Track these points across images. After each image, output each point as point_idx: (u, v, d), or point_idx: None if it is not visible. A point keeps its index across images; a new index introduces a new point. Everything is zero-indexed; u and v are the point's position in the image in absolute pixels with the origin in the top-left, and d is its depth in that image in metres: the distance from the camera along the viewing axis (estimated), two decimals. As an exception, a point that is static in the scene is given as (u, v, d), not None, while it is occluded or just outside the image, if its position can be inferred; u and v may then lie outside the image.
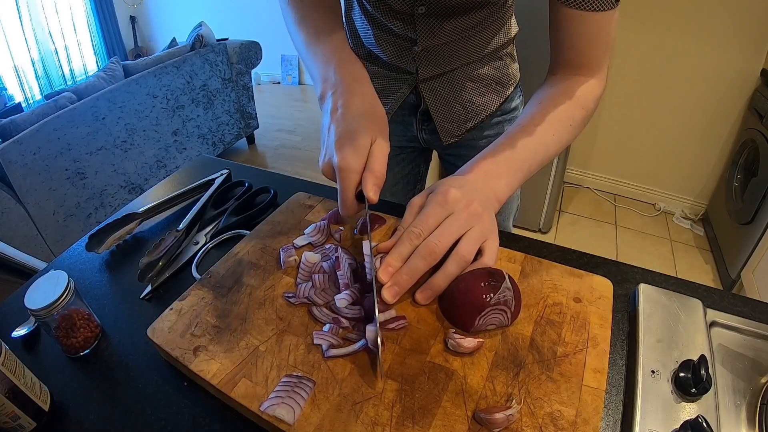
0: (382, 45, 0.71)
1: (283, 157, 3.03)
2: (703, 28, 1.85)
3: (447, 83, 0.73)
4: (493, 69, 0.75)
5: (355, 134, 0.48)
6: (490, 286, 0.46)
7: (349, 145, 0.47)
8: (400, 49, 0.70)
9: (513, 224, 0.96)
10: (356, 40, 0.77)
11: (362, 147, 0.48)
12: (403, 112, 0.81)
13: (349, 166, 0.47)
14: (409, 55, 0.69)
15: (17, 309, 0.58)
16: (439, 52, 0.69)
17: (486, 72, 0.74)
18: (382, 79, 0.77)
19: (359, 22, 0.74)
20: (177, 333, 0.49)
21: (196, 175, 0.84)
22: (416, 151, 0.92)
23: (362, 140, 0.48)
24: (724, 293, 0.55)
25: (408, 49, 0.69)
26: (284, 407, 0.41)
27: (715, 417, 0.40)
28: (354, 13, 0.75)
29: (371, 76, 0.77)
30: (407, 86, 0.75)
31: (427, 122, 0.81)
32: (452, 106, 0.76)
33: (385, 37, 0.70)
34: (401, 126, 0.83)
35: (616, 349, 0.49)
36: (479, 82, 0.75)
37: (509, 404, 0.40)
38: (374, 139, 0.49)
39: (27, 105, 3.70)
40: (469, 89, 0.75)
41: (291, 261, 0.58)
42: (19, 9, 3.57)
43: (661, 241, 2.12)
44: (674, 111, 2.07)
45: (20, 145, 1.74)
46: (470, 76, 0.74)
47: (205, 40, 2.54)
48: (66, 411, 0.47)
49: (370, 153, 0.48)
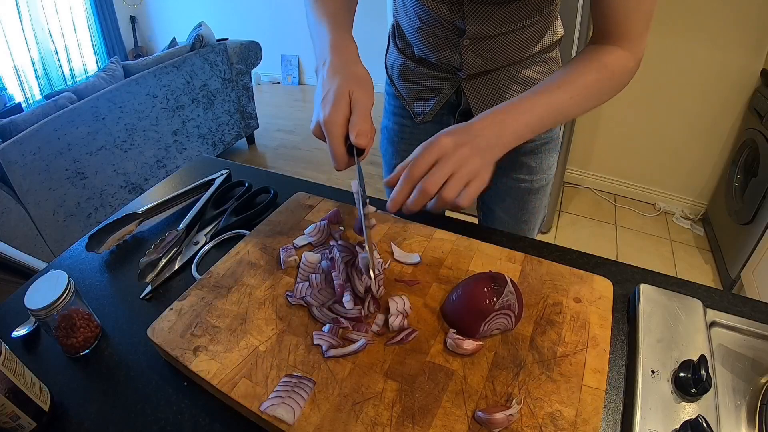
0: (429, 41, 0.71)
1: (283, 157, 3.03)
2: (703, 28, 1.85)
3: (491, 83, 0.73)
4: (537, 73, 0.74)
5: (334, 92, 0.53)
6: (492, 291, 0.46)
7: (330, 102, 0.52)
8: (446, 42, 0.70)
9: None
10: (403, 39, 0.78)
11: (342, 101, 0.52)
12: (442, 112, 0.80)
13: (331, 119, 0.51)
14: (456, 49, 0.69)
15: (17, 309, 0.58)
16: (486, 47, 0.68)
17: (530, 75, 0.74)
18: (425, 78, 0.77)
19: (406, 21, 0.74)
20: (177, 333, 0.49)
21: (196, 175, 0.84)
22: None
23: (341, 95, 0.52)
24: (724, 293, 0.55)
25: (455, 43, 0.69)
26: (284, 407, 0.41)
27: (715, 417, 0.40)
28: (399, 12, 0.75)
29: (414, 76, 0.79)
30: (450, 85, 0.75)
31: None
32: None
33: (432, 31, 0.70)
34: (438, 126, 0.83)
35: (616, 349, 0.49)
36: (523, 86, 0.74)
37: (509, 404, 0.40)
38: (352, 93, 0.52)
39: (27, 105, 3.69)
40: (512, 92, 0.74)
41: (291, 261, 0.58)
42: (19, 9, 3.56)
43: (661, 241, 2.12)
44: (674, 111, 2.07)
45: (20, 145, 1.74)
46: (515, 78, 0.73)
47: (205, 40, 2.54)
48: (66, 411, 0.47)
49: (352, 105, 0.52)
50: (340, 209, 0.67)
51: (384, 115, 0.91)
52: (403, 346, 0.47)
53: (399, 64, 0.80)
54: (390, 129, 0.89)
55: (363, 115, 0.52)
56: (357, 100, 0.52)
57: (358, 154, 0.53)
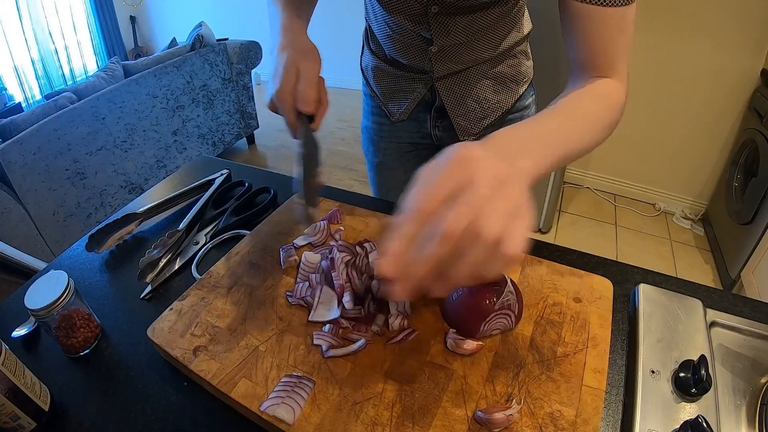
0: (399, 47, 0.73)
1: (283, 157, 3.03)
2: (703, 28, 1.85)
3: (462, 81, 0.75)
4: (508, 67, 0.76)
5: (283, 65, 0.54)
6: (492, 291, 0.46)
7: (279, 75, 0.53)
8: (416, 50, 0.71)
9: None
10: (375, 43, 0.79)
11: (289, 73, 0.53)
12: (418, 109, 0.82)
13: (280, 90, 0.53)
14: (425, 55, 0.71)
15: (17, 309, 0.58)
16: (455, 52, 0.70)
17: (500, 70, 0.75)
18: (398, 79, 0.79)
19: (376, 27, 0.75)
20: (177, 333, 0.49)
21: (196, 175, 0.84)
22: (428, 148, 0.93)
23: (289, 68, 0.53)
24: (724, 293, 0.55)
25: (424, 50, 0.70)
26: (284, 407, 0.41)
27: (715, 417, 0.40)
28: (370, 17, 0.77)
29: (388, 77, 0.80)
30: (423, 85, 0.77)
31: (440, 119, 0.82)
32: (468, 103, 0.77)
33: (401, 39, 0.71)
34: (415, 123, 0.85)
35: (616, 349, 0.48)
36: (494, 80, 0.76)
37: (509, 404, 0.40)
38: (299, 64, 0.53)
39: (27, 105, 3.69)
40: (484, 87, 0.76)
41: (291, 261, 0.58)
42: (19, 9, 3.56)
43: (661, 241, 2.12)
44: (674, 111, 2.07)
45: (20, 145, 1.74)
46: (485, 74, 0.75)
47: (205, 40, 2.54)
48: (66, 411, 0.47)
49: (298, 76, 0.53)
50: (339, 209, 0.67)
51: (363, 116, 0.92)
52: (403, 346, 0.47)
53: (373, 66, 0.82)
54: (369, 128, 0.91)
55: (308, 83, 0.53)
56: (302, 70, 0.53)
57: (309, 121, 0.55)
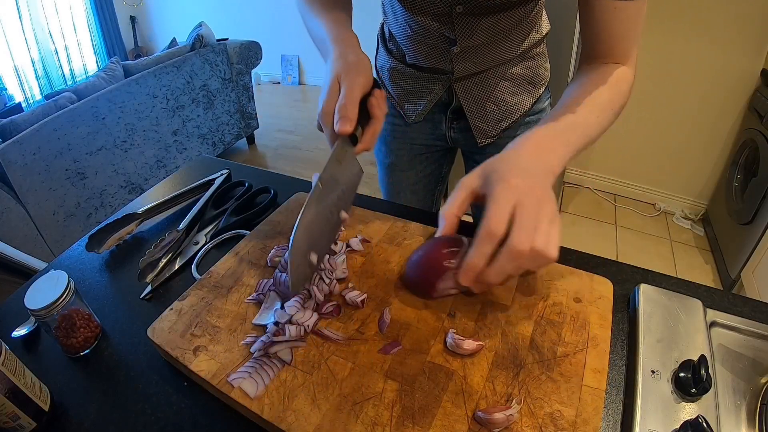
0: (420, 47, 0.72)
1: (283, 157, 3.03)
2: (703, 28, 1.85)
3: (481, 83, 0.74)
4: (526, 69, 0.76)
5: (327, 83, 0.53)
6: (450, 253, 0.48)
7: (323, 93, 0.53)
8: (438, 51, 0.71)
9: None
10: (394, 44, 0.79)
11: (331, 91, 0.52)
12: (433, 110, 0.81)
13: (322, 110, 0.52)
14: (447, 55, 0.70)
15: (17, 309, 0.59)
16: (477, 53, 0.69)
17: (519, 71, 0.75)
18: (416, 80, 0.78)
19: (396, 28, 0.75)
20: (177, 333, 0.49)
21: (196, 175, 0.84)
22: (441, 150, 0.92)
23: (332, 85, 0.53)
24: (724, 293, 0.55)
25: (446, 50, 0.70)
26: (250, 381, 0.43)
27: (715, 417, 0.40)
28: (389, 18, 0.76)
29: (405, 78, 0.80)
30: (441, 86, 0.76)
31: (456, 120, 0.82)
32: (486, 105, 0.77)
33: (423, 40, 0.71)
34: (429, 124, 0.84)
35: (616, 349, 0.48)
36: (512, 82, 0.76)
37: (509, 404, 0.40)
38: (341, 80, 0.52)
39: (27, 105, 3.70)
40: (502, 88, 0.76)
41: (277, 261, 0.58)
42: (19, 9, 3.57)
43: (661, 241, 2.12)
44: (674, 111, 2.07)
45: (20, 145, 1.74)
46: (504, 76, 0.75)
47: (205, 40, 2.54)
48: (66, 411, 0.47)
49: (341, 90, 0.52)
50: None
51: None
52: (403, 346, 0.47)
53: (389, 67, 0.81)
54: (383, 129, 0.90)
55: (347, 100, 0.51)
56: (344, 86, 0.52)
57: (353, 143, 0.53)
